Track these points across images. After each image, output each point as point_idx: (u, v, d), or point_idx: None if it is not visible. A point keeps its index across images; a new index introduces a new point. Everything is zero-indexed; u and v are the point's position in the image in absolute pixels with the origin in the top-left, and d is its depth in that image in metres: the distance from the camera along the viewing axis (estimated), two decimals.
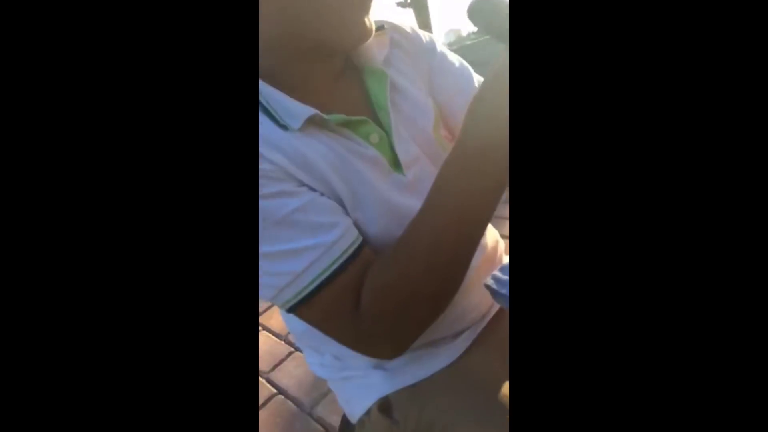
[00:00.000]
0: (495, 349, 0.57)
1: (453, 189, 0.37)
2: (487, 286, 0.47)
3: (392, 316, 0.41)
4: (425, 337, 0.55)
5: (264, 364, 1.17)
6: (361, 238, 0.44)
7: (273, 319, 1.34)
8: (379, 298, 0.41)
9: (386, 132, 0.50)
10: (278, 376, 1.13)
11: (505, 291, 0.44)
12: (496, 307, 0.62)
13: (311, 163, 0.43)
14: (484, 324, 0.59)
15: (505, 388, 0.53)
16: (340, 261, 0.41)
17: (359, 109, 0.50)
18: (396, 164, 0.50)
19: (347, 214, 0.45)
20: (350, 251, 0.42)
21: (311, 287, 0.41)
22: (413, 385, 0.54)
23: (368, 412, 0.58)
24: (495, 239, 0.63)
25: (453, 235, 0.38)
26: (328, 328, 0.44)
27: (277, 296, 0.42)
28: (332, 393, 1.00)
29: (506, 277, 0.47)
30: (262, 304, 1.37)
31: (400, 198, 0.48)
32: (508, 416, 0.50)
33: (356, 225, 0.45)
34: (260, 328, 1.31)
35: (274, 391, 1.09)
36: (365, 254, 0.43)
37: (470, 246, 0.40)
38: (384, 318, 0.41)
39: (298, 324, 0.60)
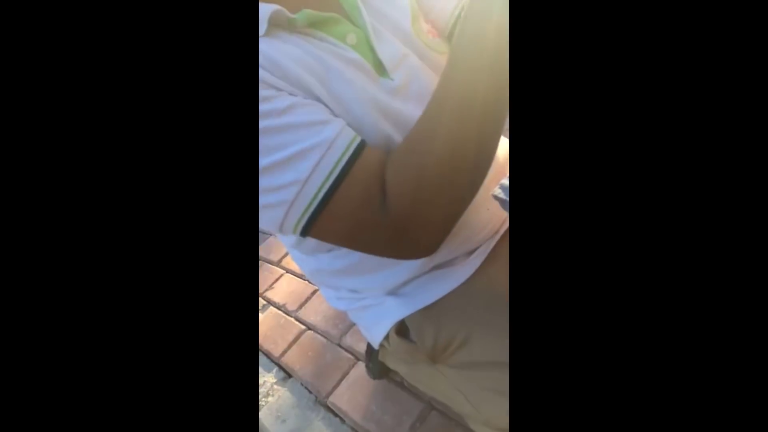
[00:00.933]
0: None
1: (465, 69, 0.34)
2: (496, 197, 0.44)
3: (423, 210, 0.37)
4: (437, 258, 0.54)
5: (291, 303, 1.21)
6: (359, 136, 0.39)
7: (294, 263, 1.36)
8: (405, 193, 0.36)
9: (363, 31, 0.45)
10: (305, 313, 1.16)
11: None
12: (507, 224, 0.59)
13: (285, 69, 0.38)
14: (496, 240, 0.57)
15: None
16: (347, 156, 0.37)
17: (328, 8, 0.45)
18: (380, 68, 0.45)
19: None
20: (354, 145, 0.37)
21: (322, 192, 0.36)
22: (428, 307, 0.54)
23: (387, 337, 0.59)
24: (505, 153, 0.59)
25: (474, 122, 0.35)
26: (351, 236, 0.40)
27: (286, 218, 0.38)
28: None
29: None
30: (282, 250, 1.39)
31: (392, 102, 0.44)
32: None
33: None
34: (283, 270, 1.34)
35: (303, 327, 1.13)
36: (371, 150, 0.39)
37: (489, 140, 0.37)
38: (414, 213, 0.37)
39: (308, 262, 0.60)
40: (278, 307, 1.23)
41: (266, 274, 1.34)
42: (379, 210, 0.37)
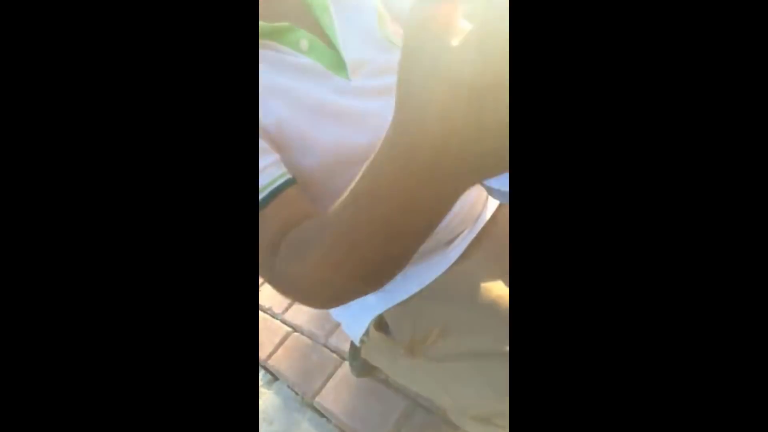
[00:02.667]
0: (490, 251, 0.56)
1: (388, 182, 0.26)
2: (481, 183, 0.43)
3: (308, 289, 0.35)
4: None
5: (277, 306, 1.21)
6: (285, 178, 0.39)
7: None
8: (295, 272, 0.34)
9: (328, 33, 0.46)
10: (291, 315, 1.16)
11: (498, 185, 0.40)
12: (492, 208, 0.60)
13: None
14: (478, 229, 0.58)
15: (497, 289, 0.53)
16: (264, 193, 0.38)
17: (296, 12, 0.46)
18: (339, 67, 0.46)
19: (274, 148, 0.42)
20: (268, 190, 0.38)
21: None
22: (405, 300, 0.54)
23: (366, 332, 0.59)
24: None
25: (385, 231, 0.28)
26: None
27: None
28: None
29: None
30: None
31: (342, 100, 0.46)
32: (502, 316, 0.51)
33: (300, 145, 0.43)
34: None
35: (289, 329, 1.13)
36: (287, 196, 0.39)
37: (405, 242, 0.29)
38: (300, 286, 0.35)
39: None
40: (264, 311, 1.22)
41: None
42: (272, 257, 0.36)
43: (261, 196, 0.38)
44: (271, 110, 0.43)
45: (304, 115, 0.44)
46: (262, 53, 0.44)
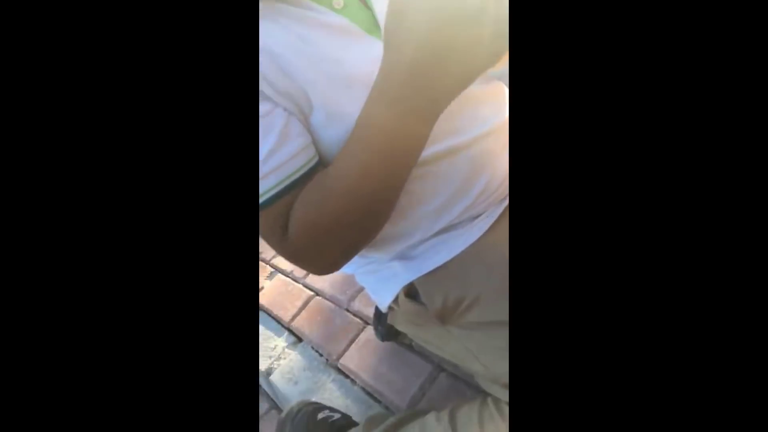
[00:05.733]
0: None
1: (378, 122, 0.32)
2: None
3: (314, 247, 0.41)
4: (442, 222, 0.53)
5: (298, 270, 1.22)
6: (314, 162, 0.42)
7: None
8: (300, 233, 0.40)
9: None
10: (313, 279, 1.17)
11: None
12: None
13: (278, 56, 0.40)
14: (502, 208, 0.56)
15: None
16: (273, 192, 0.40)
17: None
18: (373, 27, 0.43)
19: (309, 118, 0.43)
20: (282, 185, 0.41)
21: None
22: (436, 269, 0.53)
23: (396, 300, 0.59)
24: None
25: (377, 172, 0.35)
26: (267, 243, 0.45)
27: None
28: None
29: None
30: None
31: (373, 68, 0.43)
32: None
33: (325, 114, 0.42)
34: None
35: (311, 293, 1.14)
36: (296, 192, 0.41)
37: (397, 180, 0.37)
38: (307, 248, 0.41)
39: None
40: (286, 274, 1.24)
41: None
42: (281, 239, 0.42)
43: (277, 189, 0.41)
44: (297, 72, 0.41)
45: (332, 81, 0.42)
46: (291, 10, 0.41)
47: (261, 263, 1.33)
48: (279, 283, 1.21)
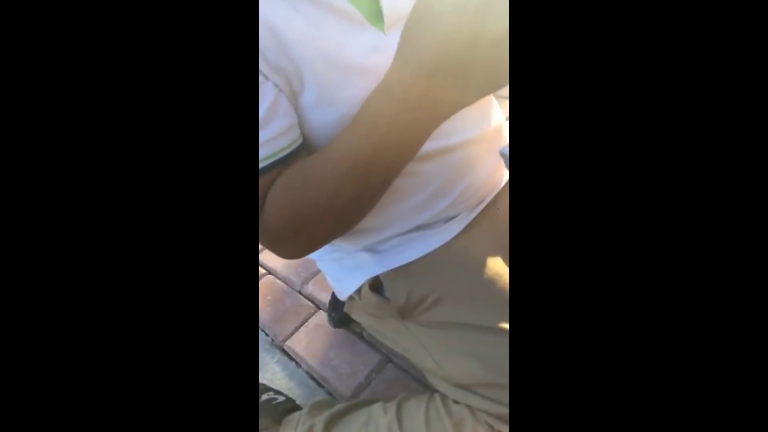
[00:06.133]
0: (490, 228, 0.56)
1: (382, 115, 0.32)
2: (503, 154, 0.47)
3: (290, 232, 0.41)
4: (417, 221, 0.53)
5: None
6: (297, 144, 0.41)
7: None
8: (278, 215, 0.40)
9: None
10: (267, 257, 1.14)
11: None
12: (495, 191, 0.59)
13: (279, 34, 0.38)
14: (480, 209, 0.57)
15: (497, 267, 0.53)
16: (261, 165, 0.39)
17: None
18: (376, 18, 0.42)
19: (298, 99, 0.42)
20: (267, 161, 0.40)
21: None
22: (404, 266, 0.53)
23: (358, 290, 0.59)
24: (498, 123, 0.58)
25: (371, 164, 0.34)
26: None
27: None
28: (322, 273, 1.03)
29: None
30: None
31: (373, 57, 0.43)
32: (498, 292, 0.51)
33: (321, 95, 0.41)
34: None
35: (263, 271, 1.11)
36: (280, 169, 0.41)
37: (389, 175, 0.37)
38: (282, 231, 0.41)
39: None
40: None
41: None
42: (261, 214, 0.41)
43: (263, 165, 0.39)
44: (295, 48, 0.39)
45: (329, 62, 0.41)
46: None
47: None
48: None
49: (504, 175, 0.61)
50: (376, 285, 0.57)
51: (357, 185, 0.36)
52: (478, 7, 0.24)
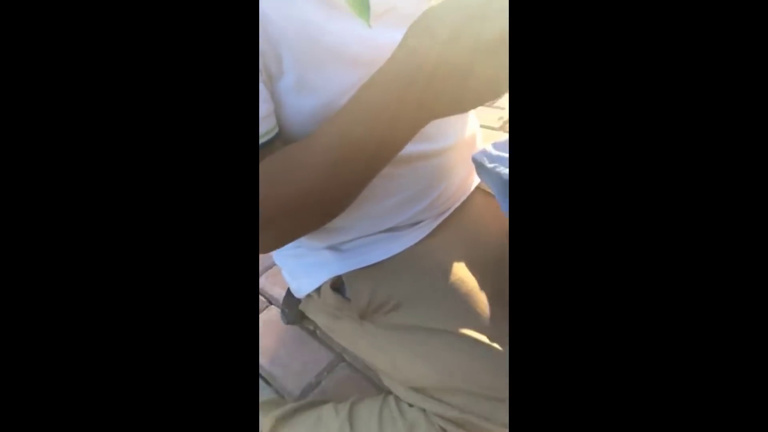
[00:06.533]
0: (455, 234, 0.56)
1: (376, 102, 0.31)
2: (475, 160, 0.46)
3: (263, 224, 0.38)
4: (384, 224, 0.53)
5: None
6: (273, 133, 0.40)
7: None
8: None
9: None
10: None
11: (494, 165, 0.45)
12: (463, 197, 0.60)
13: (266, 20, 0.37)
14: (447, 215, 0.57)
15: (460, 272, 0.53)
16: None
17: None
18: (362, 9, 0.41)
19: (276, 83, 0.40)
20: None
21: None
22: (369, 266, 0.53)
23: (317, 289, 0.57)
24: (473, 131, 0.58)
25: (359, 154, 0.33)
26: None
27: None
28: (276, 267, 1.00)
29: (498, 153, 0.45)
30: None
31: (358, 48, 0.42)
32: (460, 298, 0.52)
33: (300, 80, 0.40)
34: None
35: None
36: (269, 151, 0.39)
37: (373, 167, 0.36)
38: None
39: None
40: None
41: None
42: None
43: None
44: (278, 32, 0.37)
45: (311, 47, 0.39)
46: None
47: None
48: None
49: (473, 184, 0.62)
50: (336, 284, 0.56)
51: (342, 175, 0.35)
52: (484, 12, 0.24)
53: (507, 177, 0.45)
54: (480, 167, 0.47)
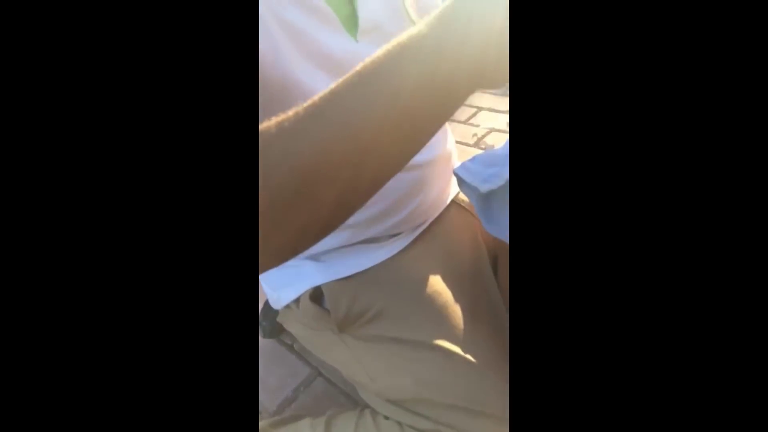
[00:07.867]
0: (432, 247, 0.57)
1: (402, 81, 0.25)
2: (457, 174, 0.47)
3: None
4: (363, 234, 0.53)
5: None
6: None
7: None
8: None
9: None
10: None
11: (471, 180, 0.46)
12: (439, 211, 0.61)
13: None
14: (421, 230, 0.59)
15: (437, 285, 0.54)
16: None
17: None
18: (351, 24, 0.43)
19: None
20: None
21: None
22: (348, 277, 0.53)
23: (296, 300, 0.57)
24: (449, 148, 0.60)
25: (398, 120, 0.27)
26: None
27: None
28: None
29: (477, 167, 0.47)
30: None
31: (346, 59, 0.42)
32: (437, 310, 0.52)
33: (283, 87, 0.39)
34: None
35: None
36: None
37: (419, 135, 0.30)
38: (262, 222, 0.27)
39: None
40: None
41: None
42: None
43: None
44: (272, 46, 0.38)
45: (304, 59, 0.40)
46: None
47: None
48: None
49: (449, 197, 0.63)
50: (315, 295, 0.56)
51: (373, 139, 0.27)
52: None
53: (485, 192, 0.46)
54: (461, 182, 0.49)
